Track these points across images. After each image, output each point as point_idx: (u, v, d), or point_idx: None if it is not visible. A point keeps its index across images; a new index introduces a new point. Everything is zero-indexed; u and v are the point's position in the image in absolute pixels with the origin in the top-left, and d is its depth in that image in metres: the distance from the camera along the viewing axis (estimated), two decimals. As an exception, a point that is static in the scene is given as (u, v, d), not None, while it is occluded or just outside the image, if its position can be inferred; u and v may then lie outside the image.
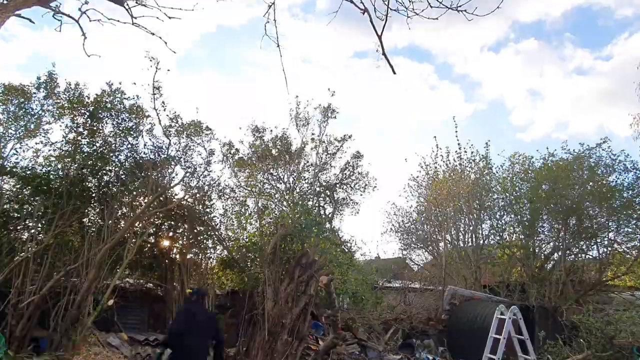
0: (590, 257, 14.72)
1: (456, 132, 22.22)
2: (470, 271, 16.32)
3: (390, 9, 3.42)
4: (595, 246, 14.43)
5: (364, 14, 3.47)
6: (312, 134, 14.49)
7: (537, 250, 15.32)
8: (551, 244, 15.39)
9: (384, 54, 3.54)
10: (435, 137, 21.62)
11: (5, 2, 6.03)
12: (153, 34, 7.29)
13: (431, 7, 3.44)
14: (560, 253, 14.78)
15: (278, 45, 3.77)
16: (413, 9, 3.53)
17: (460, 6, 3.31)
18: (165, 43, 7.57)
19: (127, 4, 7.21)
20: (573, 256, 14.95)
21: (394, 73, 3.56)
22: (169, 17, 7.32)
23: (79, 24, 7.28)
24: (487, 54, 73.16)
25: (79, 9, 7.29)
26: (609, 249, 14.25)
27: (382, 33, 3.44)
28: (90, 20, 7.58)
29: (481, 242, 17.00)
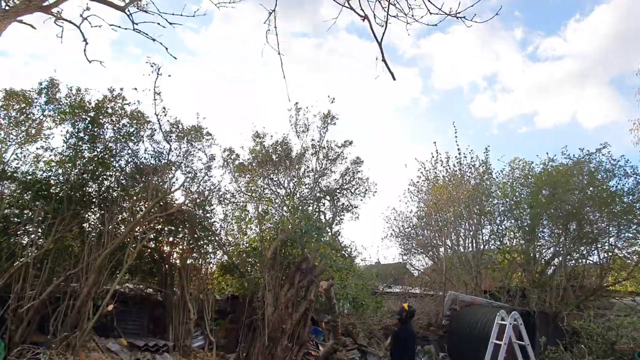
0: (591, 262, 14.72)
1: (456, 137, 22.27)
2: (471, 276, 16.30)
3: (390, 16, 3.44)
4: (595, 251, 14.44)
5: (363, 20, 3.49)
6: (312, 139, 14.52)
7: (537, 256, 15.30)
8: (552, 249, 15.39)
9: (383, 60, 3.55)
10: (435, 142, 21.73)
11: (7, 8, 6.08)
12: (154, 40, 7.33)
13: (430, 13, 3.46)
14: (560, 258, 14.77)
15: (279, 53, 3.79)
16: (412, 16, 3.56)
17: (458, 12, 3.34)
18: (166, 49, 7.61)
19: (129, 10, 7.25)
20: (574, 261, 14.94)
21: (394, 79, 3.58)
22: (170, 23, 7.37)
23: (80, 30, 7.33)
24: (436, 35, 72.82)
25: (81, 15, 7.34)
26: (610, 254, 14.25)
27: (382, 39, 3.46)
28: (91, 26, 7.63)
29: (481, 247, 17.00)
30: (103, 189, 10.48)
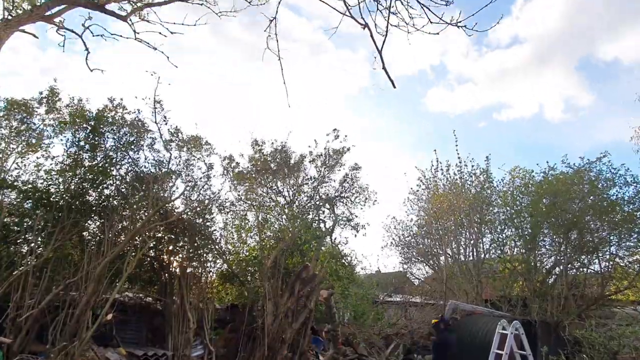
0: (592, 271, 14.65)
1: (456, 145, 22.21)
2: (472, 285, 16.23)
3: (391, 25, 3.47)
4: (596, 260, 14.37)
5: (364, 29, 3.52)
6: (309, 146, 14.55)
7: (538, 265, 15.25)
8: (552, 258, 15.34)
9: (384, 68, 3.58)
10: (435, 150, 21.77)
11: (10, 17, 6.13)
12: (155, 49, 7.38)
13: (431, 22, 3.49)
14: (561, 267, 14.72)
15: (279, 59, 3.82)
16: (413, 25, 3.59)
17: (459, 22, 3.36)
18: (167, 58, 7.65)
19: (130, 20, 7.31)
20: (575, 270, 14.88)
21: (394, 87, 3.60)
22: (172, 33, 7.42)
23: (82, 40, 7.38)
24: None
25: (83, 25, 7.41)
26: (611, 263, 14.20)
27: (382, 48, 3.49)
28: (93, 35, 7.69)
29: (482, 256, 16.95)
30: (103, 197, 10.49)
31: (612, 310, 14.43)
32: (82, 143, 10.27)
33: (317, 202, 14.21)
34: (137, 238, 10.10)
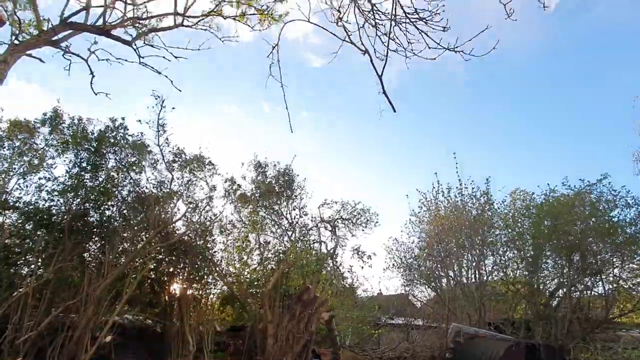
0: (596, 293, 14.51)
1: (457, 168, 22.19)
2: (474, 308, 16.06)
3: (390, 50, 3.55)
4: (600, 283, 14.24)
5: (364, 54, 3.60)
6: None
7: (541, 287, 15.12)
8: (555, 280, 15.21)
9: (384, 92, 3.65)
10: (436, 173, 21.77)
11: (17, 42, 6.27)
12: (159, 73, 7.52)
13: (429, 47, 3.57)
14: (565, 290, 14.58)
15: (282, 85, 3.90)
16: (412, 50, 3.68)
17: (457, 47, 3.45)
18: (171, 82, 7.79)
19: (135, 45, 7.47)
20: (578, 293, 14.74)
21: (394, 111, 3.66)
22: (175, 57, 7.57)
23: (87, 64, 7.53)
24: None
25: (88, 49, 7.57)
26: (615, 285, 14.07)
27: (382, 73, 3.57)
28: (98, 60, 7.85)
29: (485, 278, 16.81)
30: (104, 218, 10.50)
31: (617, 333, 14.23)
32: (84, 164, 10.33)
33: (319, 224, 14.20)
34: (137, 260, 10.08)
